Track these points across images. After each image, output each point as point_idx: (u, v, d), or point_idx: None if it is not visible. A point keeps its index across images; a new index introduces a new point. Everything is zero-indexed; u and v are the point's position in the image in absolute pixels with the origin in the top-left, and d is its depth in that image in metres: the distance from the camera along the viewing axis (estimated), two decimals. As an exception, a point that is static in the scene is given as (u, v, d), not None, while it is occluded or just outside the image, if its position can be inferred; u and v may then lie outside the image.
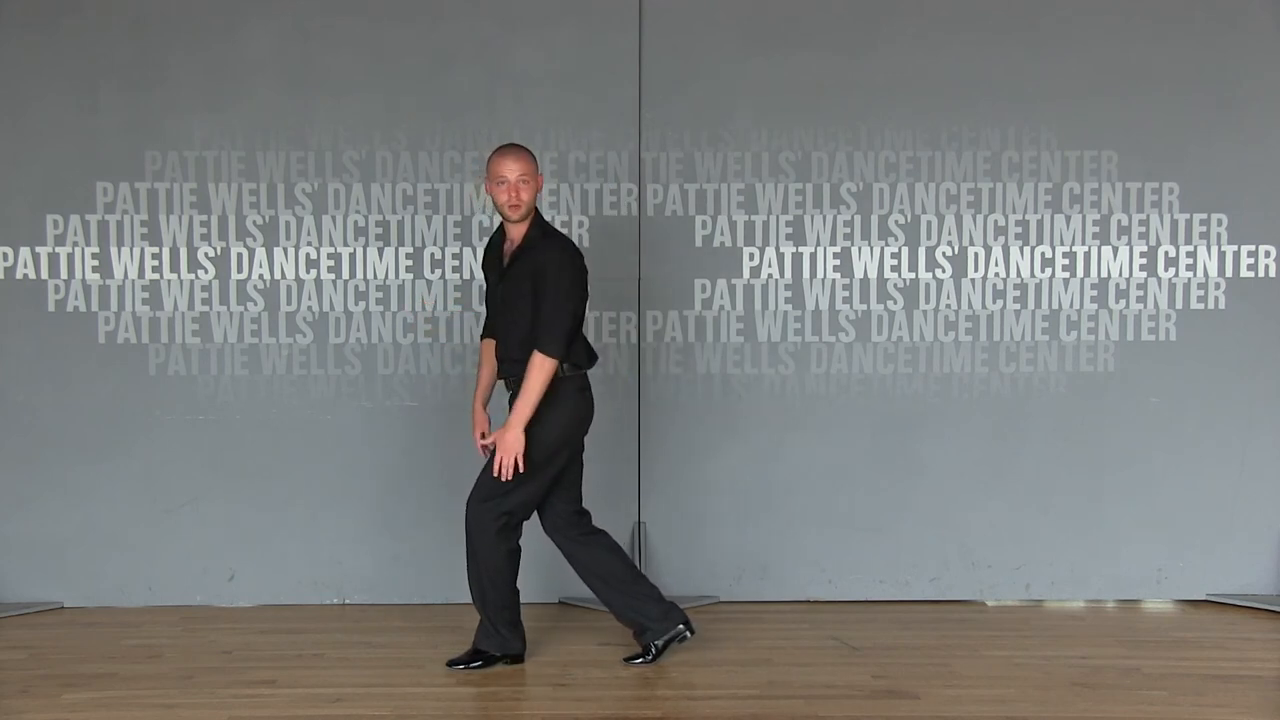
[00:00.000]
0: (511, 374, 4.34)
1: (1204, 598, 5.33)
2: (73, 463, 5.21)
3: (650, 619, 4.43)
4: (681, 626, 4.44)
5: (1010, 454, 5.33)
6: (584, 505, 4.53)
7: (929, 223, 5.32)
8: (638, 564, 5.14)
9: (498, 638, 4.39)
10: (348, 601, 5.29)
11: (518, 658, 4.42)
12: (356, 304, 5.27)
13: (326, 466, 5.26)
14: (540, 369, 4.18)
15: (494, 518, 4.28)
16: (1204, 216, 5.31)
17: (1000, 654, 4.56)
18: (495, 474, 4.22)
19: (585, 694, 4.10)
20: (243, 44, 5.20)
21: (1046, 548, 5.34)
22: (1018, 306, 5.33)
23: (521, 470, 4.20)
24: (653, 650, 4.42)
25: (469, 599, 5.25)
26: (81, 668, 4.40)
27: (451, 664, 4.39)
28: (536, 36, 5.24)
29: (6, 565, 5.22)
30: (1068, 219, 5.32)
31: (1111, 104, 5.27)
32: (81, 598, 5.24)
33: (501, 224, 4.40)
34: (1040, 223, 5.32)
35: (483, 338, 4.60)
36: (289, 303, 5.26)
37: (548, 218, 5.21)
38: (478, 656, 4.39)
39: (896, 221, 5.32)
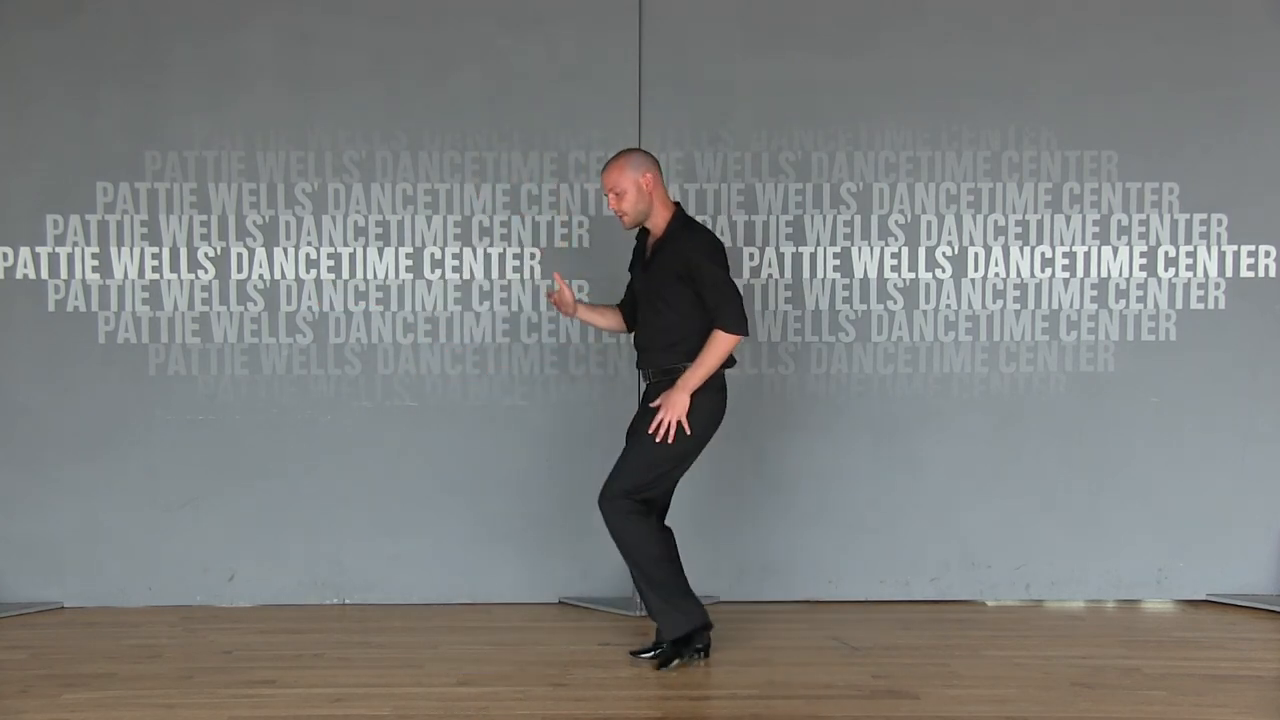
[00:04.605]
0: (651, 364, 4.40)
1: (1204, 598, 5.33)
2: (73, 463, 5.21)
3: (675, 620, 4.41)
4: (700, 646, 4.42)
5: (1010, 454, 5.33)
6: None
7: (929, 223, 5.32)
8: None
9: (677, 615, 4.34)
10: (348, 601, 5.29)
11: (706, 625, 4.38)
12: (356, 304, 5.27)
13: (326, 466, 5.26)
14: (723, 343, 4.24)
15: (633, 504, 4.30)
16: (1204, 216, 5.31)
17: (1000, 654, 4.56)
18: (651, 432, 4.25)
19: (585, 694, 4.10)
20: (243, 44, 5.20)
21: (1046, 548, 5.34)
22: (1018, 306, 5.33)
23: (687, 432, 4.26)
24: (662, 648, 4.43)
25: (467, 599, 5.27)
26: (81, 668, 4.40)
27: (639, 655, 4.41)
28: (536, 36, 5.24)
29: (6, 565, 5.22)
30: (1068, 219, 5.32)
31: (1111, 104, 5.27)
32: (81, 598, 5.24)
33: None
34: (1040, 223, 5.32)
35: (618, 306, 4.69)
36: (289, 303, 5.26)
37: (548, 217, 5.24)
38: (664, 647, 4.40)
39: (896, 221, 5.32)
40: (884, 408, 5.33)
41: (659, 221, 4.37)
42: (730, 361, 4.36)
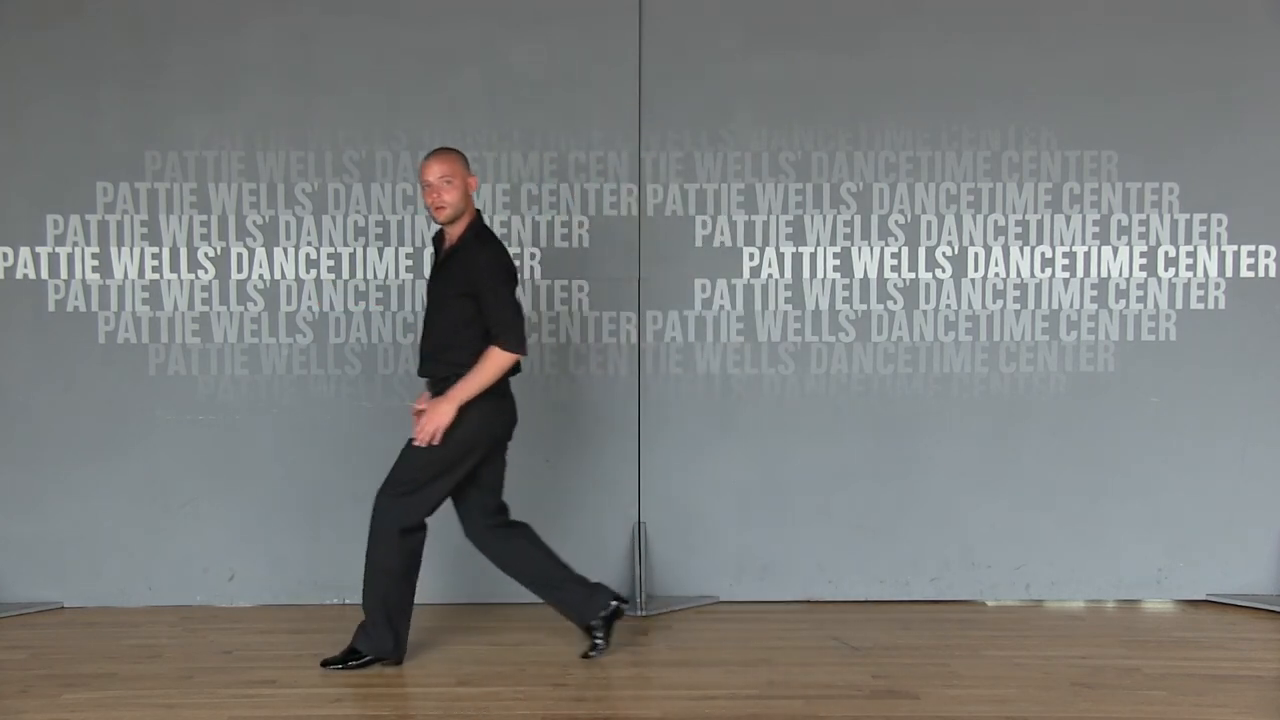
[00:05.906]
0: (427, 373, 4.39)
1: (1204, 598, 5.33)
2: (73, 463, 5.21)
3: (576, 603, 4.42)
4: (613, 603, 4.42)
5: (1010, 454, 5.33)
6: (504, 501, 4.53)
7: (929, 223, 5.32)
8: (637, 564, 5.15)
9: (374, 633, 4.35)
10: (348, 601, 5.29)
11: (387, 659, 4.37)
12: (356, 304, 5.27)
13: (326, 466, 5.26)
14: (498, 359, 4.22)
15: (401, 513, 4.28)
16: (1204, 216, 5.31)
17: (1000, 654, 4.56)
18: (413, 438, 4.25)
19: (585, 694, 4.10)
20: (243, 44, 5.20)
21: (1046, 548, 5.34)
22: (1018, 306, 5.33)
23: (436, 444, 4.22)
24: (596, 635, 4.42)
25: (468, 599, 5.27)
26: (81, 668, 4.40)
27: (327, 664, 4.37)
28: (536, 36, 5.23)
29: (6, 565, 5.22)
30: (1068, 219, 5.32)
31: (1111, 104, 5.27)
32: (81, 598, 5.24)
33: None
34: (1040, 223, 5.32)
35: None
36: (289, 303, 5.26)
37: (548, 218, 5.25)
38: (354, 655, 4.38)
39: (896, 221, 5.32)
40: (884, 408, 5.33)
41: (459, 228, 4.33)
42: (515, 368, 4.33)
